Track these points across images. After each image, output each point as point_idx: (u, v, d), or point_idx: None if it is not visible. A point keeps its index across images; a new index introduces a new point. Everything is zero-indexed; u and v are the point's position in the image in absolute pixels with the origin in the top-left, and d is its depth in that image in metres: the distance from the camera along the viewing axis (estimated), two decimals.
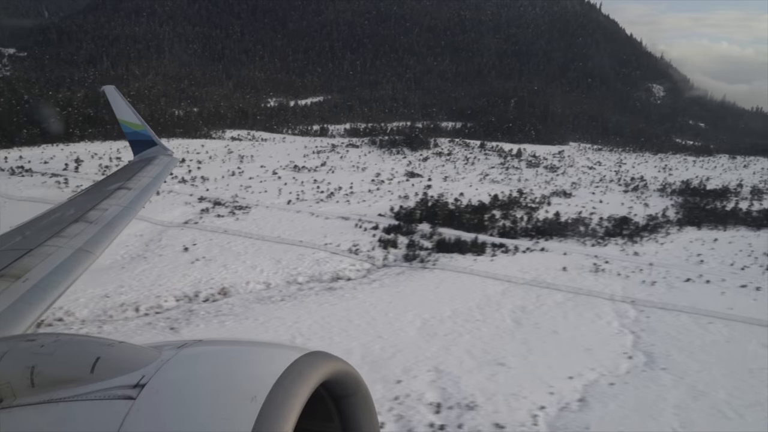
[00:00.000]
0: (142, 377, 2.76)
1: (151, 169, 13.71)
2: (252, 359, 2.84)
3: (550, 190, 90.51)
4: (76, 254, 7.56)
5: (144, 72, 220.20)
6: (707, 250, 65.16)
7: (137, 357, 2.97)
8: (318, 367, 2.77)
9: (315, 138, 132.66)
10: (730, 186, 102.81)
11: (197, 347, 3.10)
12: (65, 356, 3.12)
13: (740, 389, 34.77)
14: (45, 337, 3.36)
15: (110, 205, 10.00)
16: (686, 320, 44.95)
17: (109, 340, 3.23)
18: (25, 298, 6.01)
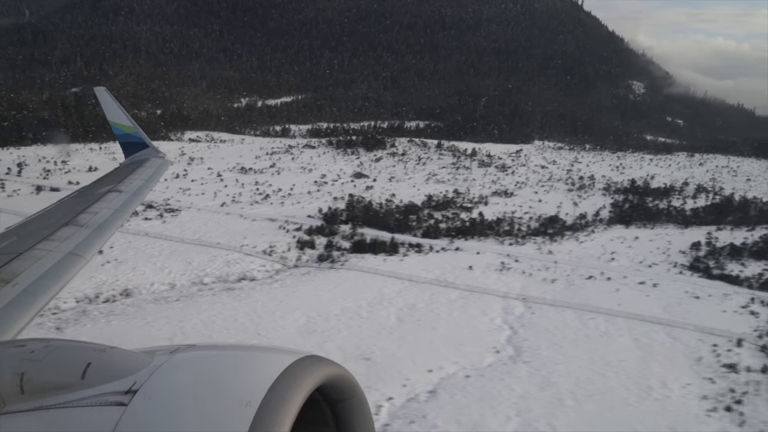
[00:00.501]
0: (134, 383, 2.73)
1: (142, 171, 13.68)
2: (246, 364, 2.82)
3: (492, 190, 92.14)
4: (66, 258, 7.50)
5: (117, 72, 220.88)
6: (625, 248, 67.07)
7: (129, 362, 2.95)
8: (313, 371, 2.76)
9: (275, 139, 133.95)
10: (675, 184, 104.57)
11: (190, 352, 3.08)
12: (55, 362, 3.09)
13: (590, 380, 36.71)
14: (35, 343, 3.32)
15: (101, 208, 9.94)
16: (570, 316, 46.84)
17: (101, 345, 3.21)
18: (15, 302, 5.91)
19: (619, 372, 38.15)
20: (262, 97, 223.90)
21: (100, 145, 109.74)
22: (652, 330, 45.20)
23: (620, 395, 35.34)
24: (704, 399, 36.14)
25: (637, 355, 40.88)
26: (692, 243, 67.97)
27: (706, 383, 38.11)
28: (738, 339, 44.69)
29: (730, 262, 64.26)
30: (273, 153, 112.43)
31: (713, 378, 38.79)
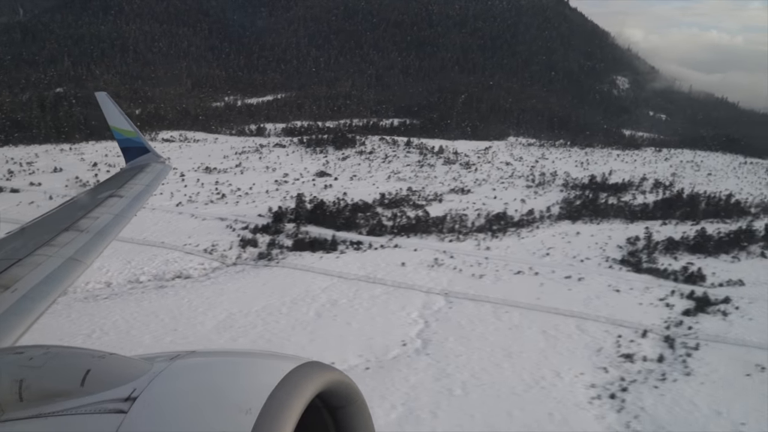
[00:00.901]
0: (133, 390, 2.73)
1: (143, 176, 13.68)
2: (246, 370, 2.81)
3: (450, 187, 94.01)
4: (66, 264, 7.50)
5: (103, 72, 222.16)
6: (564, 243, 69.03)
7: (128, 369, 2.95)
8: (313, 377, 2.75)
9: (250, 138, 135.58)
10: (634, 180, 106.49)
11: (190, 359, 3.08)
12: (54, 369, 3.08)
13: (485, 371, 38.75)
14: (34, 350, 3.31)
15: (101, 213, 9.94)
16: (487, 310, 48.83)
17: (100, 352, 3.21)
18: (14, 309, 5.90)
19: (517, 363, 40.17)
20: (246, 95, 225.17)
21: (71, 146, 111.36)
22: (563, 323, 47.18)
23: (510, 385, 37.35)
24: (592, 387, 38.18)
25: (539, 347, 42.89)
26: (629, 238, 69.88)
27: (600, 373, 40.14)
28: (644, 330, 46.69)
29: (664, 256, 66.28)
30: (242, 152, 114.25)
31: (607, 368, 40.82)
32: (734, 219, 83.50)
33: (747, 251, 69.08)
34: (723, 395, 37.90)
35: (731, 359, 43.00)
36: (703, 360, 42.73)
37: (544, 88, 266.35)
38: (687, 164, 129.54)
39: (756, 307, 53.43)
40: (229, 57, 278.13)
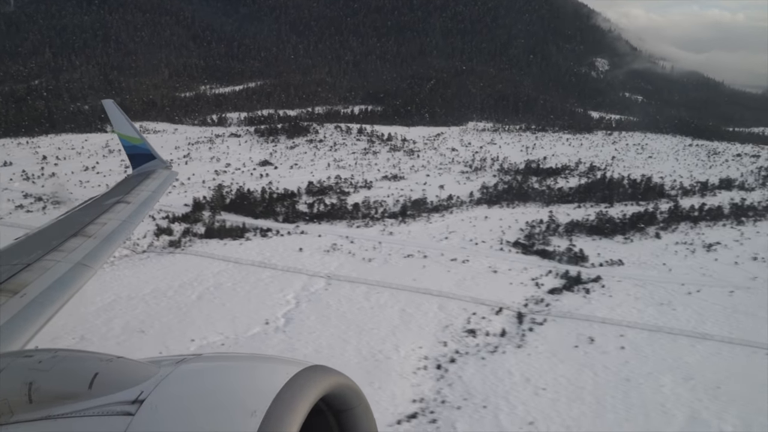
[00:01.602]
0: (140, 393, 2.79)
1: (149, 183, 13.88)
2: (251, 374, 2.86)
3: (385, 174, 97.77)
4: (74, 269, 7.60)
5: (83, 63, 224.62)
6: (468, 227, 73.03)
7: (136, 372, 3.00)
8: (318, 381, 2.79)
9: (210, 128, 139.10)
10: (570, 164, 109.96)
11: (196, 362, 3.13)
12: (63, 372, 3.16)
13: (331, 346, 43.04)
14: (43, 353, 3.38)
15: (109, 219, 10.08)
16: (361, 291, 53.03)
17: (108, 355, 3.27)
18: (23, 313, 5.97)
19: (363, 339, 44.37)
20: (222, 84, 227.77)
21: (29, 139, 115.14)
22: (427, 302, 51.32)
23: (346, 358, 41.59)
24: (424, 359, 42.43)
25: (392, 324, 47.08)
26: (532, 221, 73.75)
27: (438, 347, 44.35)
28: (500, 308, 50.82)
29: (560, 238, 70.20)
30: (196, 143, 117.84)
31: (447, 342, 45.02)
32: (649, 201, 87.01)
33: (643, 233, 72.84)
34: (540, 365, 42.12)
35: (568, 333, 47.16)
36: (541, 334, 46.90)
37: (521, 72, 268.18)
38: (633, 147, 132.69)
39: (621, 285, 57.50)
40: (210, 45, 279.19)
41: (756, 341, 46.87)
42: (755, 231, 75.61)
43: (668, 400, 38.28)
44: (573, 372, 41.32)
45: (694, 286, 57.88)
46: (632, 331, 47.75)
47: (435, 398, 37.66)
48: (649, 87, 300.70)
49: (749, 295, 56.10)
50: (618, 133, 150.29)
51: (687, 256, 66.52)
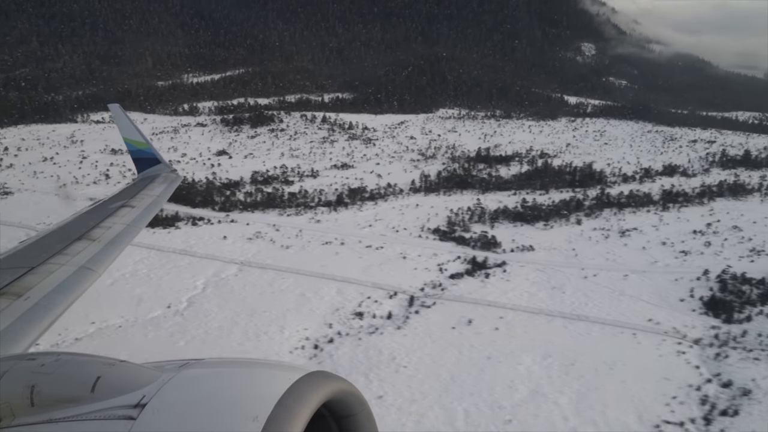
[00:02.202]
0: (142, 397, 2.82)
1: (154, 187, 14.04)
2: (253, 379, 2.88)
3: (333, 163, 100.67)
4: (78, 272, 7.61)
5: (69, 51, 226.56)
6: (396, 215, 76.07)
7: (138, 376, 3.04)
8: (320, 387, 2.82)
9: (180, 117, 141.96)
10: (521, 151, 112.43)
11: (198, 367, 3.18)
12: (65, 376, 3.20)
13: (221, 328, 46.52)
14: (45, 357, 3.42)
15: (113, 223, 10.17)
16: (269, 277, 56.37)
17: (110, 359, 3.31)
18: (26, 316, 6.05)
19: (253, 321, 47.71)
20: (206, 72, 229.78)
21: None
22: (326, 287, 54.60)
23: (233, 339, 45.03)
24: (305, 340, 45.78)
25: (286, 308, 50.38)
26: (458, 209, 76.63)
27: (323, 328, 47.67)
28: (395, 292, 54.01)
29: (483, 225, 73.10)
30: (161, 133, 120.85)
31: (333, 324, 48.31)
32: (586, 189, 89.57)
33: (566, 219, 75.64)
34: (411, 345, 45.38)
35: (451, 315, 50.32)
36: (425, 317, 50.11)
37: (505, 58, 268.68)
38: (592, 134, 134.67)
39: (523, 270, 60.55)
40: (198, 33, 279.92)
41: (627, 322, 49.98)
42: (676, 217, 78.17)
43: (519, 376, 41.53)
44: (439, 351, 44.56)
45: (594, 270, 60.83)
46: (513, 314, 50.87)
47: None
48: (635, 71, 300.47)
49: (641, 279, 59.04)
50: (582, 119, 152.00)
51: (599, 241, 69.34)
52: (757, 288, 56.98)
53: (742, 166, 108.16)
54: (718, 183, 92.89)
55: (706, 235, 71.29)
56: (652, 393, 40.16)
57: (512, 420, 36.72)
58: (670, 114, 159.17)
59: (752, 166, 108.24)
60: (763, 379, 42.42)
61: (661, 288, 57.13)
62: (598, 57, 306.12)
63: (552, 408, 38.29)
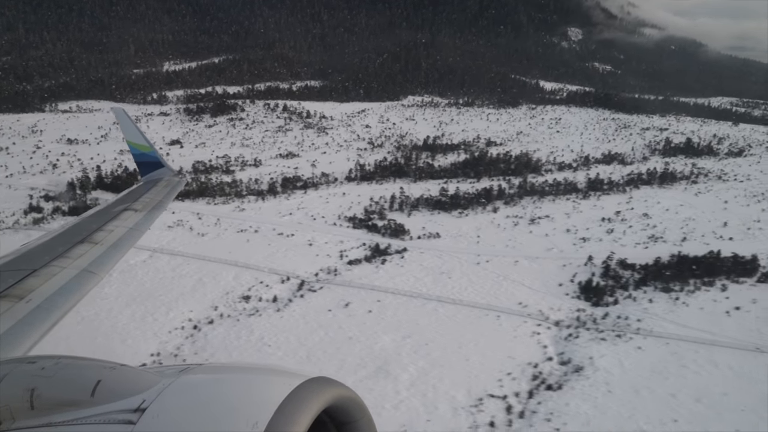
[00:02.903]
0: (142, 401, 2.82)
1: (157, 190, 14.13)
2: (254, 385, 2.87)
3: (279, 152, 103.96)
4: (80, 275, 7.72)
5: (54, 39, 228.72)
6: (321, 203, 79.50)
7: (138, 381, 3.05)
8: (321, 393, 2.82)
9: (147, 106, 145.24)
10: (468, 139, 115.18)
11: (198, 372, 3.17)
12: (66, 379, 3.19)
13: (112, 310, 50.18)
14: (46, 360, 3.43)
15: (116, 227, 10.23)
16: (176, 262, 60.00)
17: (111, 363, 3.31)
18: (27, 319, 6.04)
19: (145, 304, 51.42)
20: (187, 59, 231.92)
21: None
22: (226, 271, 58.24)
23: (121, 320, 48.73)
24: (188, 321, 49.42)
25: (182, 291, 54.07)
26: (381, 197, 79.88)
27: (208, 310, 51.30)
28: (288, 277, 57.62)
29: (401, 213, 76.38)
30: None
31: (218, 306, 51.96)
32: (519, 176, 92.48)
33: (483, 207, 78.78)
34: (284, 326, 49.02)
35: (333, 299, 53.83)
36: (308, 300, 53.70)
37: (489, 43, 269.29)
38: (548, 121, 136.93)
39: (421, 256, 63.94)
40: (185, 19, 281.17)
41: (497, 305, 53.42)
42: (593, 205, 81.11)
43: (371, 355, 45.12)
44: (307, 332, 48.19)
45: (489, 257, 64.11)
46: (391, 297, 54.37)
47: (172, 352, 44.88)
48: (621, 56, 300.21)
49: (531, 265, 62.34)
50: (543, 107, 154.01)
51: (506, 229, 72.53)
52: (638, 273, 60.07)
53: (683, 153, 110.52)
54: (647, 171, 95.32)
55: (612, 223, 74.27)
56: (490, 370, 43.68)
57: None
58: (633, 101, 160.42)
59: (692, 154, 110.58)
60: (600, 357, 45.83)
61: (546, 273, 60.43)
62: (584, 42, 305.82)
63: (391, 383, 41.90)
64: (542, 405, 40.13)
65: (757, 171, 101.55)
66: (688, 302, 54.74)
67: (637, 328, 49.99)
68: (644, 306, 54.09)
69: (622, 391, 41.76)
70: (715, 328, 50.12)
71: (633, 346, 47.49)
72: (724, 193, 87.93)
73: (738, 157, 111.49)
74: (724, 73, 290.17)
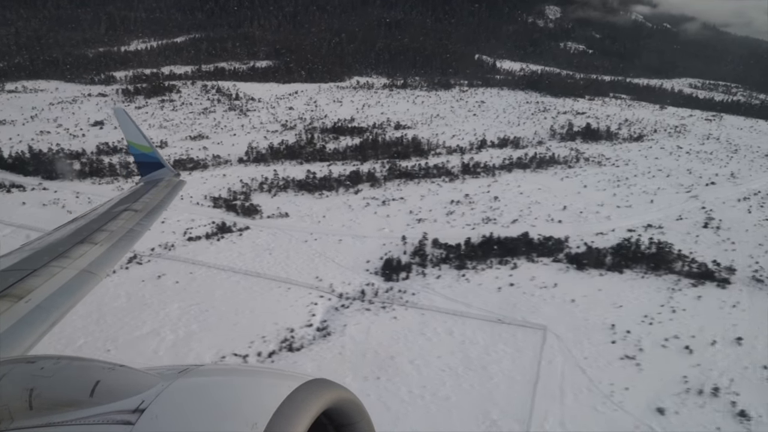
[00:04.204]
0: (141, 402, 2.85)
1: (157, 191, 14.11)
2: (252, 387, 2.90)
3: (190, 135, 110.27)
4: (80, 276, 7.88)
5: (30, 16, 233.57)
6: (199, 184, 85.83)
7: (137, 381, 3.08)
8: (320, 395, 2.86)
9: (91, 87, 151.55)
10: (379, 122, 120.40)
11: (198, 374, 3.21)
12: (65, 379, 3.24)
13: None
14: (45, 360, 3.48)
15: (116, 227, 10.41)
16: (21, 235, 66.97)
17: (110, 363, 3.36)
18: (27, 319, 6.19)
19: None
20: (156, 38, 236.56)
21: None
22: None
23: None
24: None
25: None
26: (253, 178, 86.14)
27: None
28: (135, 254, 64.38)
29: (268, 193, 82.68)
30: (59, 103, 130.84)
31: None
32: (406, 159, 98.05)
33: (347, 189, 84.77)
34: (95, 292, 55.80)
35: (153, 271, 60.52)
36: (131, 271, 60.43)
37: (461, 22, 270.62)
38: (473, 104, 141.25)
39: (260, 234, 70.38)
40: None
41: (294, 279, 59.79)
42: (452, 188, 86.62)
43: (156, 318, 51.85)
44: (110, 299, 55.04)
45: (320, 235, 70.32)
46: (204, 270, 60.99)
47: None
48: (598, 35, 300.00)
49: (353, 243, 68.45)
50: (475, 89, 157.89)
51: (355, 209, 78.44)
52: (449, 252, 65.97)
53: (583, 137, 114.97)
54: (526, 156, 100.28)
55: (459, 205, 79.94)
56: (249, 334, 50.21)
57: (111, 350, 47.33)
58: (565, 83, 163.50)
59: (591, 138, 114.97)
60: (354, 325, 52.14)
61: (363, 251, 66.57)
62: (561, 21, 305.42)
63: (157, 342, 48.77)
64: (274, 363, 46.76)
65: (642, 156, 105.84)
66: (471, 279, 60.72)
67: (406, 301, 56.22)
68: (429, 282, 60.18)
69: (351, 353, 48.27)
70: (477, 302, 56.19)
71: (390, 316, 53.77)
72: (590, 178, 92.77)
73: (635, 142, 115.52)
74: (701, 53, 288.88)
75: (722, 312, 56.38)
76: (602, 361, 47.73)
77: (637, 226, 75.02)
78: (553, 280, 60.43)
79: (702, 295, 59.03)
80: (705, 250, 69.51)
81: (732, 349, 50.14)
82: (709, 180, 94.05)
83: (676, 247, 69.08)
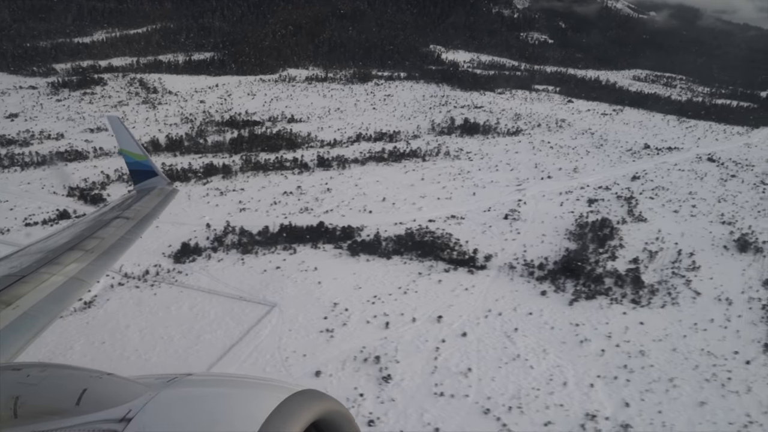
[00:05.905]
0: (128, 411, 2.87)
1: (149, 199, 14.48)
2: (241, 398, 2.90)
3: (91, 126, 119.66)
4: (69, 283, 7.85)
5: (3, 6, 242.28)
6: (88, 171, 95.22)
7: (125, 390, 3.10)
8: (309, 406, 2.90)
9: (29, 79, 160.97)
10: (276, 116, 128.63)
11: (186, 384, 3.26)
12: (51, 387, 3.23)
13: None
14: (31, 367, 3.49)
15: (107, 234, 10.48)
16: None
17: (97, 371, 3.40)
18: (14, 325, 6.15)
19: None
20: (122, 28, 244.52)
21: None
22: None
23: None
24: None
25: None
26: (115, 170, 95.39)
27: None
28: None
29: (126, 183, 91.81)
30: None
31: None
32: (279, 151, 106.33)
33: (206, 180, 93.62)
34: None
35: None
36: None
37: (421, 13, 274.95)
38: (380, 97, 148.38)
39: None
40: None
41: None
42: (296, 179, 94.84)
43: None
44: None
45: None
46: None
47: None
48: (563, 25, 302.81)
49: (171, 229, 77.14)
50: (390, 82, 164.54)
51: (193, 199, 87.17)
52: (248, 239, 74.47)
53: (462, 131, 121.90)
54: (385, 150, 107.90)
55: (290, 196, 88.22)
56: None
57: None
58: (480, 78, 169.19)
59: (469, 132, 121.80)
60: (116, 300, 61.05)
61: (172, 237, 75.28)
62: (528, 11, 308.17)
63: None
64: None
65: (503, 151, 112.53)
66: (247, 262, 69.25)
67: (175, 280, 65.03)
68: (209, 264, 68.87)
69: (97, 322, 57.34)
70: (234, 282, 64.70)
71: (152, 293, 62.64)
72: (433, 171, 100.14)
73: (509, 137, 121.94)
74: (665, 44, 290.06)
75: (452, 294, 64.00)
76: (303, 332, 56.04)
77: (441, 217, 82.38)
78: (319, 264, 68.53)
79: (443, 279, 66.60)
80: (487, 240, 76.82)
81: (427, 326, 57.88)
82: (547, 174, 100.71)
83: (461, 237, 76.35)
